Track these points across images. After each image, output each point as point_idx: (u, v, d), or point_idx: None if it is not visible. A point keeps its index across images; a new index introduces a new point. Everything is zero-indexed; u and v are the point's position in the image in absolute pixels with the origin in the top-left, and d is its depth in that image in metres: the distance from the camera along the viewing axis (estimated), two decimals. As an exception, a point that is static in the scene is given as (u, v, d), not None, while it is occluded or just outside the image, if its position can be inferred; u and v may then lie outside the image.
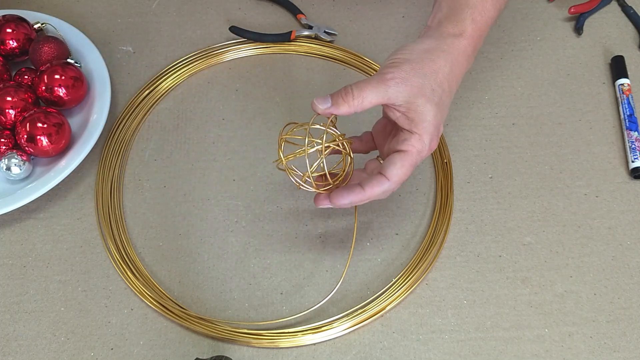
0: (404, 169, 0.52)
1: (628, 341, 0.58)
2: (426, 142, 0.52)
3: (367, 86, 0.51)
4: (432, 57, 0.53)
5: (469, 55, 0.56)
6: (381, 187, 0.52)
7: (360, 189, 0.53)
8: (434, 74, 0.53)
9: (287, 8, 0.80)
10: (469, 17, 0.55)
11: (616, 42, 0.77)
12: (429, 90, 0.52)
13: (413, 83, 0.52)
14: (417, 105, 0.52)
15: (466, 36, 0.55)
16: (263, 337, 0.58)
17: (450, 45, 0.54)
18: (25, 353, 0.58)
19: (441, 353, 0.57)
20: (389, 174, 0.52)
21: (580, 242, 0.63)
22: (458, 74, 0.55)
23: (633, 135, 0.69)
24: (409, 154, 0.52)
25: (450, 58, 0.54)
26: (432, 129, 0.52)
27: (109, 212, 0.65)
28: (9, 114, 0.66)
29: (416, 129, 0.52)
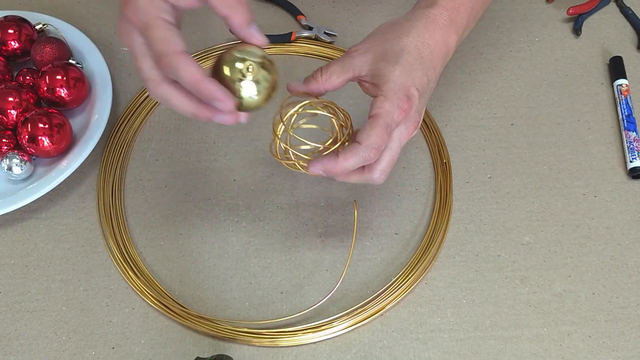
0: (374, 130, 0.50)
1: (626, 340, 0.58)
2: (394, 101, 0.50)
3: (333, 63, 0.53)
4: (396, 27, 0.54)
5: (444, 24, 0.55)
6: (355, 153, 0.50)
7: (334, 156, 0.50)
8: (396, 39, 0.53)
9: (287, 9, 0.81)
10: None
11: (614, 42, 0.78)
12: (390, 54, 0.52)
13: (376, 51, 0.53)
14: (379, 69, 0.52)
15: (437, 6, 0.55)
16: (263, 336, 0.58)
17: (418, 16, 0.55)
18: (27, 352, 0.58)
19: (440, 352, 0.58)
20: (359, 137, 0.50)
21: (578, 242, 0.64)
22: (429, 40, 0.54)
23: (631, 136, 0.69)
24: (377, 116, 0.50)
25: (417, 24, 0.54)
26: (397, 88, 0.51)
27: (110, 212, 0.65)
28: (11, 114, 0.67)
29: (380, 91, 0.51)
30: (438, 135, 0.70)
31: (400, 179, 0.67)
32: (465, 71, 0.75)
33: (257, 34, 0.48)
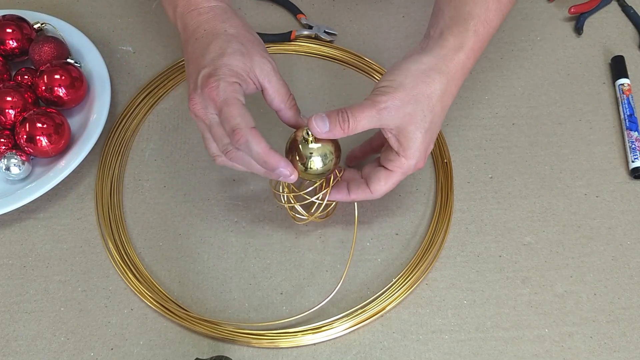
0: (387, 186, 0.56)
1: (628, 341, 0.58)
2: (412, 164, 0.55)
3: (361, 114, 0.52)
4: (427, 80, 0.53)
5: (467, 68, 0.56)
6: (364, 196, 0.57)
7: (346, 192, 0.58)
8: (427, 99, 0.53)
9: (287, 8, 0.80)
10: (472, 28, 0.55)
11: (616, 42, 0.77)
12: (420, 117, 0.53)
13: (405, 111, 0.53)
14: (407, 132, 0.53)
15: (466, 50, 0.55)
16: (263, 337, 0.58)
17: (448, 64, 0.54)
18: (25, 353, 0.58)
19: (441, 353, 0.57)
20: (372, 188, 0.56)
21: (580, 242, 0.63)
22: (454, 90, 0.56)
23: (633, 135, 0.69)
24: (394, 174, 0.55)
25: (446, 79, 0.54)
26: (418, 154, 0.54)
27: (109, 212, 0.65)
28: (9, 114, 0.66)
29: (403, 153, 0.54)
30: (439, 135, 0.70)
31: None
32: (466, 70, 0.75)
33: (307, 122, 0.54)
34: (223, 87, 0.52)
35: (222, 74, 0.53)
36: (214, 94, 0.52)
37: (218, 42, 0.55)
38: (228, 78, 0.53)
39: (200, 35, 0.57)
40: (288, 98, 0.57)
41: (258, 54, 0.55)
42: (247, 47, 0.55)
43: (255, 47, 0.56)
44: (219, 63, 0.54)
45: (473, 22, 0.55)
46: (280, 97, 0.56)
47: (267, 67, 0.55)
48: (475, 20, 0.55)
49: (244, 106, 0.53)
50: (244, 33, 0.57)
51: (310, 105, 0.72)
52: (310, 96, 0.73)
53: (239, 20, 0.58)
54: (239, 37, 0.56)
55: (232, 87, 0.53)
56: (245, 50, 0.55)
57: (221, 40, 0.55)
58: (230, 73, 0.53)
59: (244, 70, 0.54)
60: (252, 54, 0.55)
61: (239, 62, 0.54)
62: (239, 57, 0.54)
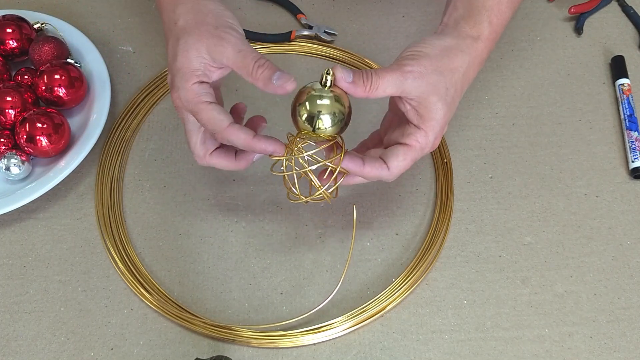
0: (405, 162, 0.53)
1: (628, 341, 0.58)
2: (430, 139, 0.53)
3: (386, 75, 0.51)
4: (450, 56, 0.53)
5: (484, 58, 0.56)
6: (380, 172, 0.53)
7: (361, 162, 0.53)
8: (450, 72, 0.53)
9: (287, 8, 0.80)
10: (486, 19, 0.55)
11: (616, 42, 0.77)
12: (443, 89, 0.52)
13: (430, 80, 0.52)
14: (429, 102, 0.52)
15: (483, 39, 0.55)
16: (263, 337, 0.58)
17: (469, 47, 0.54)
18: (25, 353, 0.58)
19: (441, 353, 0.57)
20: (390, 163, 0.53)
21: (580, 242, 0.63)
22: (471, 75, 0.55)
23: (633, 135, 0.69)
24: (413, 149, 0.53)
25: (467, 59, 0.54)
26: (438, 128, 0.53)
27: (109, 212, 0.65)
28: (9, 114, 0.66)
29: (423, 126, 0.53)
30: (439, 135, 0.70)
31: (401, 179, 0.66)
32: (466, 70, 0.75)
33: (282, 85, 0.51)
34: (184, 95, 0.52)
35: (178, 82, 0.53)
36: (180, 104, 0.53)
37: (171, 42, 0.54)
38: (185, 84, 0.52)
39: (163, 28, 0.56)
40: (253, 67, 0.51)
41: (208, 35, 0.52)
42: (196, 34, 0.52)
43: (204, 29, 0.52)
44: (174, 69, 0.53)
45: (487, 13, 0.55)
46: (244, 70, 0.52)
47: (219, 46, 0.52)
48: (489, 11, 0.55)
49: (213, 105, 0.52)
50: (192, 18, 0.53)
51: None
52: (310, 96, 0.73)
53: (189, 3, 0.54)
54: (187, 27, 0.53)
55: (191, 91, 0.52)
56: (195, 40, 0.52)
57: (173, 38, 0.54)
58: (186, 76, 0.52)
59: (200, 64, 0.52)
60: (202, 39, 0.52)
61: (191, 59, 0.52)
62: (191, 54, 0.52)
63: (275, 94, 0.52)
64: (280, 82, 0.50)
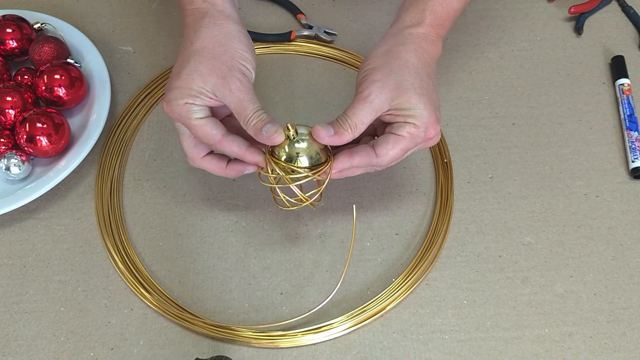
0: (395, 150, 0.53)
1: (628, 341, 0.58)
2: (421, 128, 0.53)
3: (356, 112, 0.52)
4: (394, 55, 0.54)
5: (433, 40, 0.57)
6: (368, 159, 0.54)
7: (349, 155, 0.54)
8: (403, 67, 0.53)
9: (287, 8, 0.80)
10: (429, 8, 0.57)
11: (616, 42, 0.77)
12: (407, 84, 0.53)
13: (389, 86, 0.53)
14: (402, 103, 0.53)
15: (425, 25, 0.56)
16: (263, 337, 0.58)
17: (408, 37, 0.55)
18: (25, 353, 0.58)
19: (441, 353, 0.57)
20: (379, 150, 0.53)
21: (580, 242, 0.63)
22: (427, 58, 0.55)
23: (633, 135, 0.69)
24: (403, 139, 0.53)
25: (412, 47, 0.55)
26: (425, 118, 0.53)
27: (109, 212, 0.65)
28: (9, 114, 0.66)
29: (411, 120, 0.53)
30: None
31: (401, 179, 0.67)
32: (467, 70, 0.75)
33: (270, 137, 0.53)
34: (177, 110, 0.54)
35: (172, 97, 0.54)
36: (174, 117, 0.55)
37: (179, 59, 0.55)
38: (179, 101, 0.54)
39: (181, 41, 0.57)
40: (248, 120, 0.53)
41: (218, 76, 0.53)
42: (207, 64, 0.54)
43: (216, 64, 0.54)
44: (173, 85, 0.54)
45: (430, 2, 0.57)
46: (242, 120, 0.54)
47: (226, 90, 0.53)
48: (432, 1, 0.57)
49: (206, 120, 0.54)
50: (211, 47, 0.54)
51: (311, 105, 0.72)
52: (310, 96, 0.73)
53: (213, 29, 0.56)
54: (203, 52, 0.54)
55: (184, 109, 0.54)
56: (205, 70, 0.53)
57: (183, 56, 0.55)
58: (181, 95, 0.53)
59: (199, 91, 0.53)
60: (211, 74, 0.53)
61: (191, 83, 0.53)
62: (193, 78, 0.53)
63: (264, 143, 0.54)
64: (268, 134, 0.52)
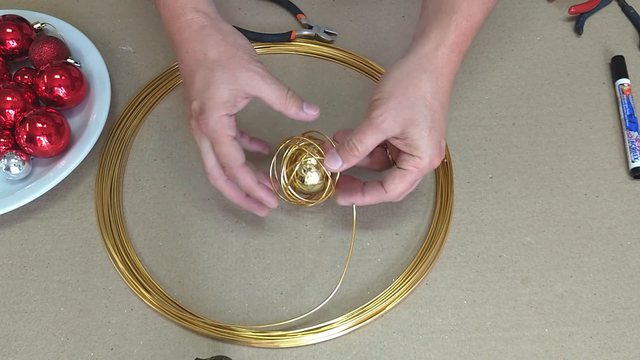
0: (402, 185, 0.56)
1: (628, 341, 0.58)
2: (426, 161, 0.55)
3: (364, 136, 0.54)
4: (415, 82, 0.54)
5: (454, 61, 0.56)
6: (379, 197, 0.57)
7: (360, 195, 0.57)
8: (421, 100, 0.54)
9: (287, 8, 0.80)
10: (454, 22, 0.56)
11: (616, 42, 0.77)
12: (420, 118, 0.54)
13: (404, 116, 0.54)
14: (411, 134, 0.54)
15: (448, 44, 0.55)
16: (263, 337, 0.58)
17: (431, 61, 0.55)
18: (25, 353, 0.58)
19: (441, 353, 0.57)
20: (387, 187, 0.56)
21: (580, 242, 0.63)
22: (446, 84, 0.56)
23: (633, 135, 0.69)
24: (409, 172, 0.55)
25: (433, 76, 0.55)
26: (430, 151, 0.55)
27: (108, 212, 0.65)
28: (9, 114, 0.66)
29: (415, 153, 0.55)
30: (439, 135, 0.70)
31: (401, 179, 0.67)
32: (466, 70, 0.75)
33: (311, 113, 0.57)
34: (212, 124, 0.55)
35: (209, 109, 0.55)
36: (205, 130, 0.56)
37: (201, 72, 0.55)
38: (215, 113, 0.54)
39: (184, 57, 0.57)
40: (285, 98, 0.56)
41: (242, 69, 0.55)
42: (230, 67, 0.55)
43: (238, 63, 0.55)
44: (205, 96, 0.55)
45: (455, 15, 0.56)
46: (278, 101, 0.56)
47: (255, 80, 0.55)
48: (457, 14, 0.56)
49: (234, 142, 0.56)
50: (224, 50, 0.55)
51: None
52: (310, 96, 0.73)
53: (217, 35, 0.56)
54: (220, 59, 0.55)
55: (220, 122, 0.55)
56: (229, 74, 0.54)
57: (204, 69, 0.55)
58: (217, 106, 0.54)
59: (231, 96, 0.55)
60: (237, 73, 0.54)
61: (224, 90, 0.54)
62: (224, 86, 0.54)
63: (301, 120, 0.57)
64: (309, 110, 0.56)
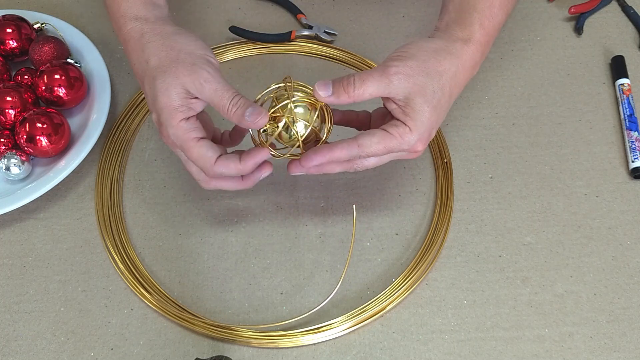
0: (378, 145, 0.52)
1: (628, 341, 0.58)
2: (413, 137, 0.52)
3: (369, 78, 0.51)
4: (438, 58, 0.53)
5: (476, 62, 0.56)
6: (349, 150, 0.52)
7: (327, 150, 0.52)
8: (438, 75, 0.52)
9: (287, 8, 0.80)
10: (477, 22, 0.55)
11: (616, 42, 0.77)
12: (430, 91, 0.52)
13: (416, 81, 0.51)
14: (415, 102, 0.52)
15: (474, 42, 0.55)
16: (263, 337, 0.58)
17: (459, 50, 0.54)
18: (25, 353, 0.58)
19: (441, 353, 0.57)
20: (361, 141, 0.52)
21: (580, 242, 0.63)
22: (462, 79, 0.55)
23: (633, 135, 0.69)
24: (391, 137, 0.52)
25: (456, 62, 0.54)
26: (423, 129, 0.52)
27: (109, 212, 0.65)
28: (9, 114, 0.66)
29: (408, 123, 0.52)
30: (439, 135, 0.70)
31: (401, 179, 0.67)
32: (466, 70, 0.75)
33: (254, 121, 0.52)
34: (173, 132, 0.53)
35: (165, 120, 0.53)
36: (170, 142, 0.54)
37: (147, 82, 0.54)
38: (172, 121, 0.53)
39: (133, 68, 0.57)
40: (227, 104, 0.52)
41: (185, 72, 0.52)
42: (172, 72, 0.52)
43: (180, 66, 0.52)
44: (157, 108, 0.53)
45: (478, 15, 0.55)
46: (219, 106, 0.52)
47: (196, 82, 0.52)
48: (480, 14, 0.55)
49: (202, 141, 0.53)
50: (165, 55, 0.53)
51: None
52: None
53: (157, 40, 0.55)
54: (161, 65, 0.53)
55: (180, 129, 0.53)
56: (172, 78, 0.52)
57: (148, 78, 0.54)
58: (172, 114, 0.52)
59: (181, 99, 0.52)
60: (180, 76, 0.52)
61: (172, 96, 0.52)
62: (169, 92, 0.52)
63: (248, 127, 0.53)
64: (252, 118, 0.51)
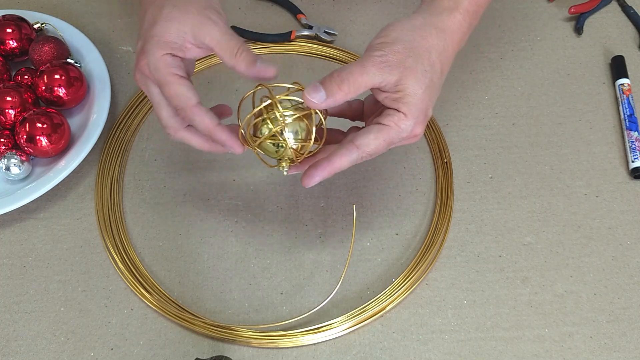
0: (377, 141, 0.50)
1: (628, 341, 0.58)
2: (409, 123, 0.50)
3: (361, 69, 0.49)
4: (423, 34, 0.51)
5: (464, 32, 0.54)
6: (349, 157, 0.51)
7: (327, 162, 0.51)
8: (427, 52, 0.50)
9: (287, 8, 0.80)
10: None
11: (616, 42, 0.77)
12: (420, 72, 0.50)
13: (405, 64, 0.49)
14: (406, 86, 0.50)
15: (461, 10, 0.53)
16: (263, 337, 0.58)
17: (444, 21, 0.52)
18: (25, 353, 0.58)
19: (441, 353, 0.57)
20: (359, 142, 0.50)
21: (580, 242, 0.63)
22: (451, 52, 0.53)
23: (633, 135, 0.69)
24: (388, 129, 0.50)
25: (443, 36, 0.52)
26: (417, 112, 0.50)
27: (108, 212, 0.65)
28: (9, 114, 0.66)
29: (402, 109, 0.50)
30: (439, 135, 0.70)
31: (401, 179, 0.67)
32: (467, 70, 0.75)
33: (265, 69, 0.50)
34: (154, 62, 0.50)
35: (150, 48, 0.50)
36: (147, 72, 0.51)
37: (151, 10, 0.52)
38: (157, 51, 0.50)
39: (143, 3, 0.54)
40: (237, 51, 0.50)
41: (195, 12, 0.50)
42: (183, 7, 0.50)
43: (192, 5, 0.51)
44: (149, 35, 0.50)
45: None
46: (228, 53, 0.50)
47: (206, 25, 0.50)
48: None
49: (183, 80, 0.50)
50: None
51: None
52: (310, 96, 0.73)
53: None
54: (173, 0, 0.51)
55: (162, 61, 0.50)
56: (180, 12, 0.50)
57: (155, 6, 0.51)
58: (160, 44, 0.50)
59: (178, 37, 0.50)
60: (189, 14, 0.50)
61: (171, 28, 0.50)
62: (171, 24, 0.50)
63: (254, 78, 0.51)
64: (262, 66, 0.49)
